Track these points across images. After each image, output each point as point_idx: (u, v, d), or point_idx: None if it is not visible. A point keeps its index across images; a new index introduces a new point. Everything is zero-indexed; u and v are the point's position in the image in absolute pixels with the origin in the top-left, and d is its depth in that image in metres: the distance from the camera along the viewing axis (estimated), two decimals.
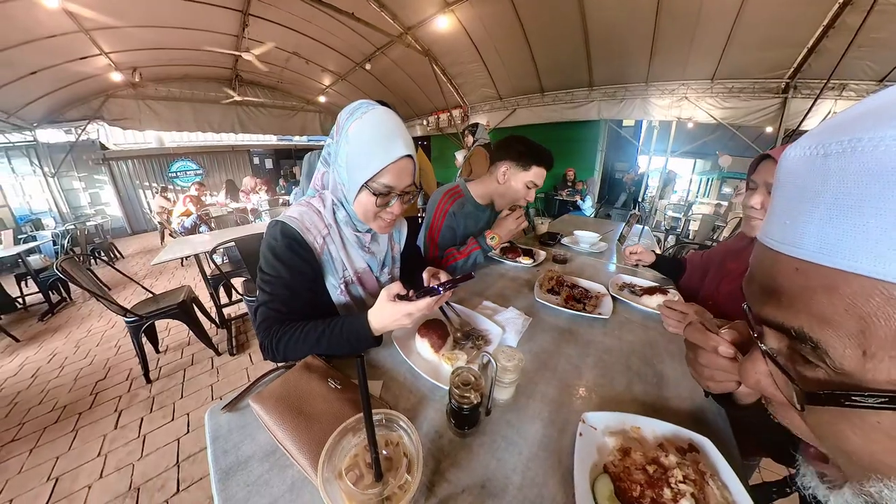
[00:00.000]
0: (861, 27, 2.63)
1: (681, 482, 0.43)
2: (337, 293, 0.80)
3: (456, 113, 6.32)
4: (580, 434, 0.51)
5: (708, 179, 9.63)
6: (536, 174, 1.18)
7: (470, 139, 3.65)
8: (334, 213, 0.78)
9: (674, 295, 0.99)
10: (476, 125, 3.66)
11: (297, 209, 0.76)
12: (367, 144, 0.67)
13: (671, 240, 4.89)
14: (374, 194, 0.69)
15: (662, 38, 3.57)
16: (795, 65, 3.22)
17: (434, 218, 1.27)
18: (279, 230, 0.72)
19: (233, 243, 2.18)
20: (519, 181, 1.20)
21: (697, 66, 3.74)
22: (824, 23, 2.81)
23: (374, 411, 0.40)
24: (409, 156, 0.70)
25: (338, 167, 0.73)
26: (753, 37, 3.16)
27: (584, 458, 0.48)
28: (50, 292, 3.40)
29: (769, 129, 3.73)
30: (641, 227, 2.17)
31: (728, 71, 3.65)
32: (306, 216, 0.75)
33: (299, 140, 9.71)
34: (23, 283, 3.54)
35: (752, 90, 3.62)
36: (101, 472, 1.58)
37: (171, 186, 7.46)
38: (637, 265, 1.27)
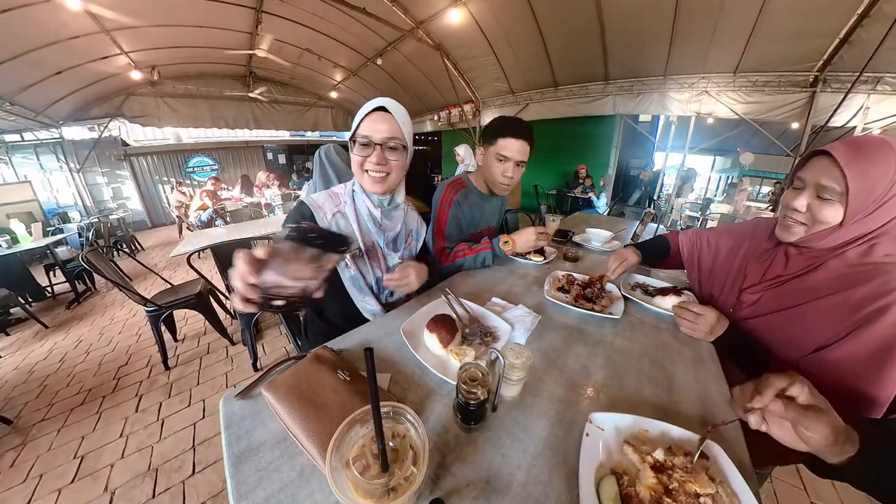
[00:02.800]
0: None
1: (686, 482, 0.42)
2: (343, 265, 0.88)
3: (467, 108, 6.26)
4: (587, 434, 0.51)
5: (728, 177, 9.30)
6: (502, 145, 1.13)
7: None
8: (354, 186, 0.91)
9: (688, 296, 0.96)
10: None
11: (316, 193, 0.91)
12: (358, 111, 0.82)
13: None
14: (355, 143, 0.81)
15: (682, 29, 3.43)
16: (826, 56, 3.05)
17: (440, 209, 1.27)
18: (297, 205, 0.89)
19: (234, 242, 2.22)
20: (490, 157, 1.17)
21: (719, 58, 3.59)
22: (859, 11, 2.65)
23: (381, 403, 0.40)
24: (385, 109, 0.80)
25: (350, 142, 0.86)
26: (781, 27, 3.00)
27: (589, 459, 0.47)
28: (76, 282, 3.56)
29: (795, 125, 3.56)
30: (656, 225, 2.12)
31: (752, 63, 3.48)
32: (321, 198, 0.89)
33: (312, 135, 9.82)
34: (51, 273, 3.72)
35: (778, 84, 3.44)
36: (123, 452, 1.66)
37: (187, 181, 7.68)
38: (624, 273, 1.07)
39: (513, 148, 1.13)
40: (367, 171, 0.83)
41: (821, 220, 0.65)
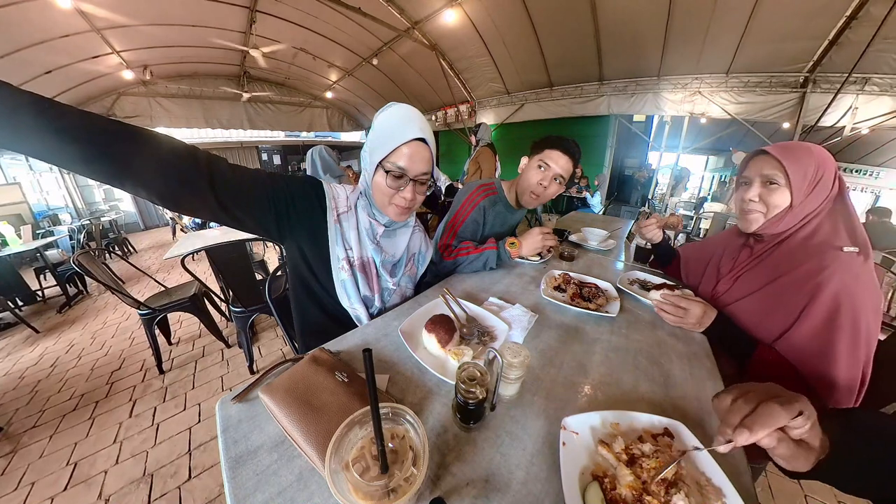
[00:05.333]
0: (887, 17, 2.52)
1: (652, 468, 0.44)
2: (339, 265, 0.82)
3: (463, 108, 6.28)
4: (563, 443, 0.49)
5: (721, 176, 9.42)
6: (548, 154, 1.14)
7: (473, 139, 3.69)
8: (357, 199, 0.86)
9: (685, 293, 0.97)
10: (479, 126, 3.70)
11: (339, 187, 0.86)
12: (385, 127, 0.74)
13: (681, 238, 4.81)
14: (386, 171, 0.74)
15: (676, 30, 3.47)
16: (815, 57, 3.10)
17: (462, 207, 1.26)
18: (314, 180, 0.82)
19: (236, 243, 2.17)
20: (532, 165, 1.18)
21: (712, 59, 3.63)
22: (847, 13, 2.70)
23: (380, 405, 0.40)
24: (423, 140, 0.73)
25: (363, 153, 0.80)
26: (772, 28, 3.05)
27: (570, 469, 0.46)
28: (67, 285, 3.51)
29: (786, 125, 3.61)
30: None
31: (744, 64, 3.53)
32: (339, 192, 0.84)
33: (307, 136, 9.77)
34: (41, 277, 3.66)
35: (769, 84, 3.50)
36: (117, 458, 1.64)
37: None
38: (646, 243, 1.23)
39: (558, 161, 1.14)
40: (394, 203, 0.78)
41: (773, 203, 0.76)
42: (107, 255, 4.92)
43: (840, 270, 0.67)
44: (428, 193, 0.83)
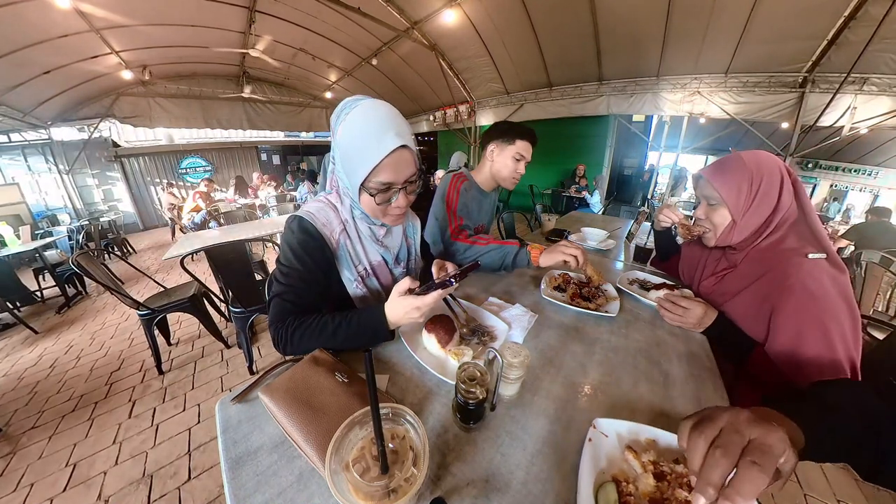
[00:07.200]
0: (885, 18, 2.52)
1: (677, 489, 0.42)
2: (353, 286, 0.81)
3: (463, 108, 6.27)
4: (589, 439, 0.50)
5: None
6: (521, 146, 1.25)
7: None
8: (351, 208, 0.78)
9: (686, 293, 0.98)
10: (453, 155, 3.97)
11: (314, 205, 0.78)
12: (355, 146, 0.64)
13: (680, 238, 4.80)
14: (372, 194, 0.68)
15: (675, 30, 3.47)
16: (814, 58, 3.10)
17: (449, 195, 1.31)
18: (297, 224, 0.73)
19: (238, 242, 2.19)
20: (506, 155, 1.27)
21: (711, 59, 3.63)
22: (846, 13, 2.70)
23: (380, 405, 0.40)
24: (404, 146, 0.65)
25: (338, 171, 0.74)
26: (770, 28, 3.05)
27: (591, 465, 0.46)
28: (66, 286, 3.50)
29: (785, 125, 3.62)
30: (651, 224, 2.14)
31: (743, 64, 3.53)
32: (322, 212, 0.77)
33: (306, 136, 9.76)
34: (40, 277, 3.65)
35: (768, 84, 3.50)
36: (117, 459, 1.64)
37: (179, 182, 7.60)
38: (645, 242, 1.33)
39: (529, 150, 1.28)
40: (389, 214, 0.75)
41: (715, 222, 0.82)
42: (106, 255, 4.91)
43: (802, 278, 0.66)
44: (420, 191, 0.80)
